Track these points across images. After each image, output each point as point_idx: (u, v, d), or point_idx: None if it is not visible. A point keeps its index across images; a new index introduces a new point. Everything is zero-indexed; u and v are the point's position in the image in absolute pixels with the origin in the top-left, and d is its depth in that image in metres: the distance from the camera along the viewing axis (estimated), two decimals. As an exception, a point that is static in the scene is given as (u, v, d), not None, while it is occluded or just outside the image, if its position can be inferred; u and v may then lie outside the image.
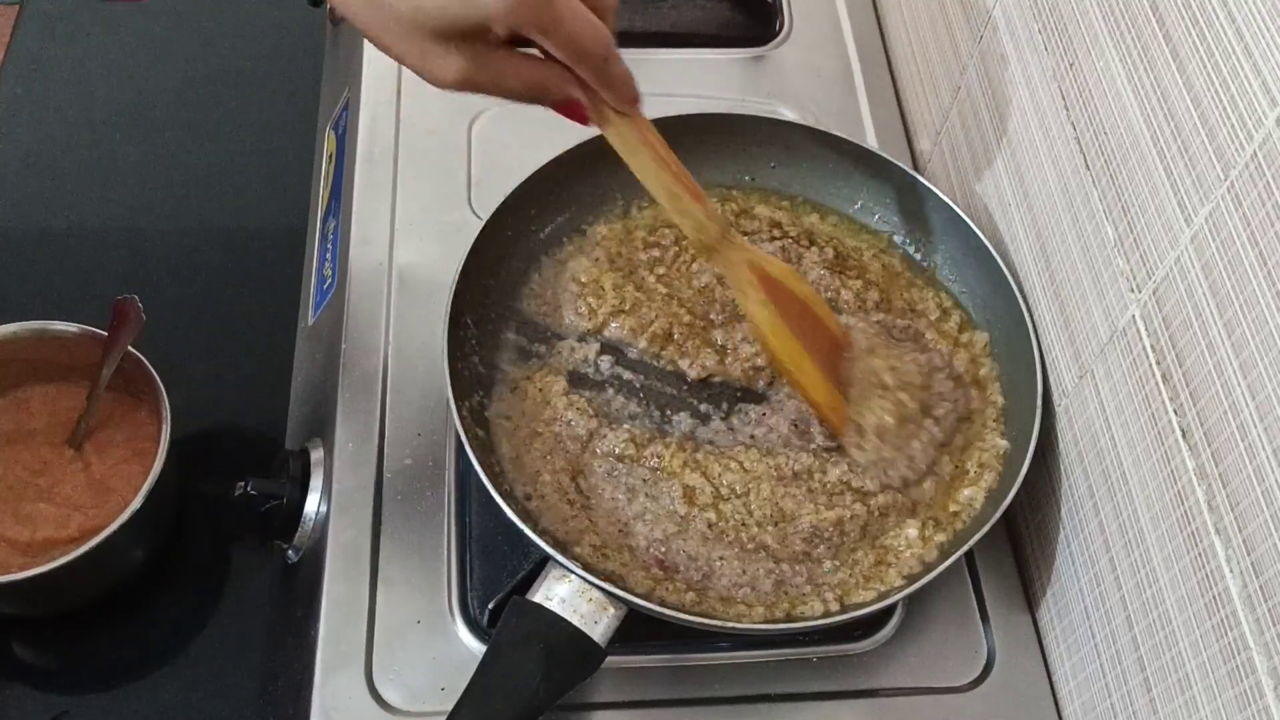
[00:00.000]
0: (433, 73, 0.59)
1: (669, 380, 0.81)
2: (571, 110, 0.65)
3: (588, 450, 0.77)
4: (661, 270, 0.86)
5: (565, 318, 0.84)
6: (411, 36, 0.58)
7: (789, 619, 0.72)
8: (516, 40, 0.59)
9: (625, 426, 0.78)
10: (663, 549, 0.74)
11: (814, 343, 0.77)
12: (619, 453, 0.77)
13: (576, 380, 0.80)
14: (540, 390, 0.79)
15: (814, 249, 0.87)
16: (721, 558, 0.74)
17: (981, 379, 0.82)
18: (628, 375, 0.81)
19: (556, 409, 0.78)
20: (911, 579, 0.73)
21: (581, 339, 0.83)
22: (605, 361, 0.82)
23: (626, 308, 0.83)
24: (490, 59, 0.59)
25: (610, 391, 0.80)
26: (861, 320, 0.83)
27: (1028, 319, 0.79)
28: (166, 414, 0.80)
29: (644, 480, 0.76)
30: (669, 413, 0.80)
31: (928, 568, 0.73)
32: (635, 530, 0.75)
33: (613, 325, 0.83)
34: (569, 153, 0.84)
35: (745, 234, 0.87)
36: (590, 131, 0.84)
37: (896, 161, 0.87)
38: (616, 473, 0.77)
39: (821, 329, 0.79)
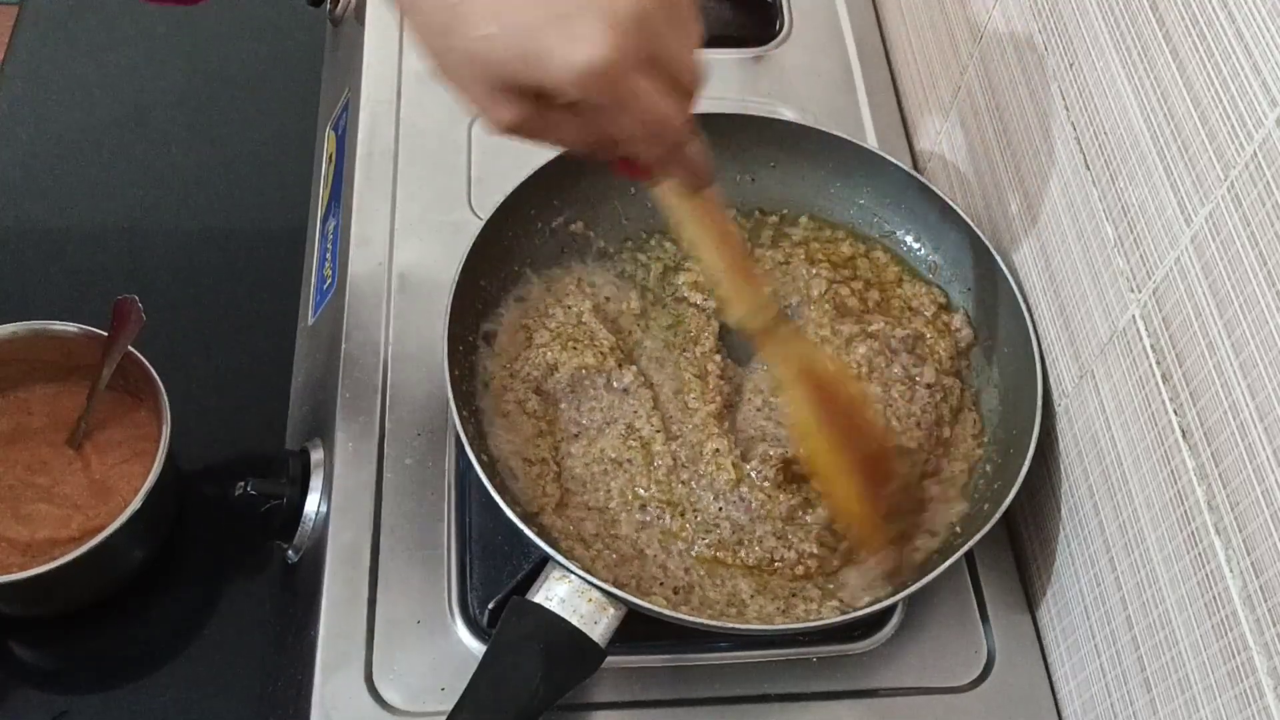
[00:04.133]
0: (490, 116, 0.56)
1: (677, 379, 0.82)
2: (632, 170, 0.61)
3: (587, 447, 0.77)
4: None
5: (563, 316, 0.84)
6: (478, 80, 0.54)
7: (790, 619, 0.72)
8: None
9: (623, 424, 0.78)
10: (665, 552, 0.74)
11: (854, 449, 0.72)
12: (615, 457, 0.77)
13: (576, 378, 0.80)
14: (535, 383, 0.79)
15: (815, 252, 0.88)
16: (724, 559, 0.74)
17: (965, 376, 0.83)
18: (628, 376, 0.81)
19: (556, 407, 0.78)
20: (911, 579, 0.73)
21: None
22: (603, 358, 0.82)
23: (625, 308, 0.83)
24: (551, 115, 0.55)
25: (609, 389, 0.80)
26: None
27: (1028, 319, 0.79)
28: (166, 414, 0.80)
29: (646, 477, 0.77)
30: (671, 412, 0.80)
31: (927, 567, 0.73)
32: (635, 529, 0.75)
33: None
34: (569, 153, 0.84)
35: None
36: (590, 131, 0.85)
37: (896, 161, 0.87)
38: (617, 470, 0.77)
39: (867, 437, 0.74)
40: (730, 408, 0.81)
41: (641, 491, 0.76)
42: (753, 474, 0.76)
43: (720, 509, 0.76)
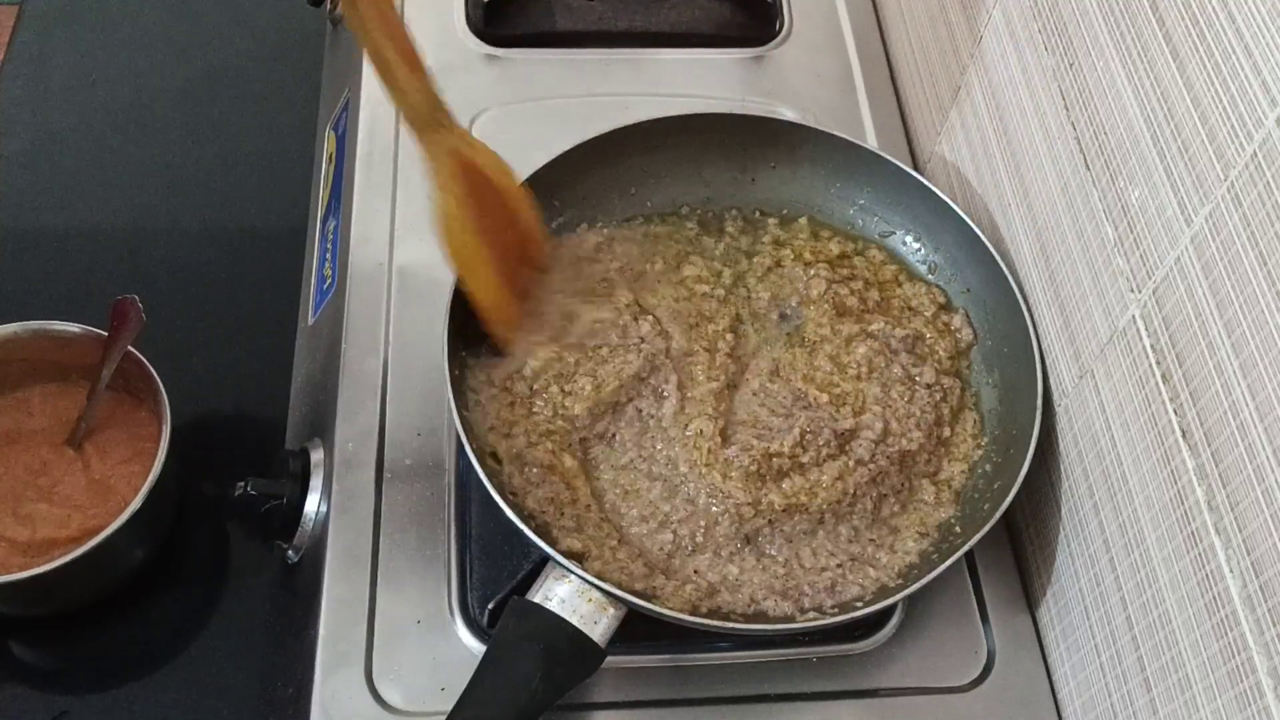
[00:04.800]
0: None
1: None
2: None
3: (586, 445, 0.77)
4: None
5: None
6: None
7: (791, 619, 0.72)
8: None
9: (621, 421, 0.78)
10: (667, 548, 0.74)
11: (499, 245, 0.76)
12: (619, 461, 0.77)
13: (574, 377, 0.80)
14: (528, 386, 0.79)
15: (803, 249, 0.88)
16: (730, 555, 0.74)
17: (964, 376, 0.83)
18: (645, 326, 0.82)
19: (556, 406, 0.78)
20: (910, 579, 0.73)
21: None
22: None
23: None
24: None
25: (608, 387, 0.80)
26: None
27: (1028, 319, 0.79)
28: (166, 414, 0.80)
29: (647, 478, 0.77)
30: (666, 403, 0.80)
31: (927, 567, 0.73)
32: (637, 529, 0.75)
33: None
34: (570, 152, 0.85)
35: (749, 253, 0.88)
36: (590, 132, 0.85)
37: (896, 161, 0.87)
38: (618, 468, 0.77)
39: (513, 233, 0.78)
40: (732, 388, 0.81)
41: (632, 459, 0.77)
42: (730, 458, 0.76)
43: (688, 488, 0.76)
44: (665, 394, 0.79)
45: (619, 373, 0.79)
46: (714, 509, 0.75)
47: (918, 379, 0.81)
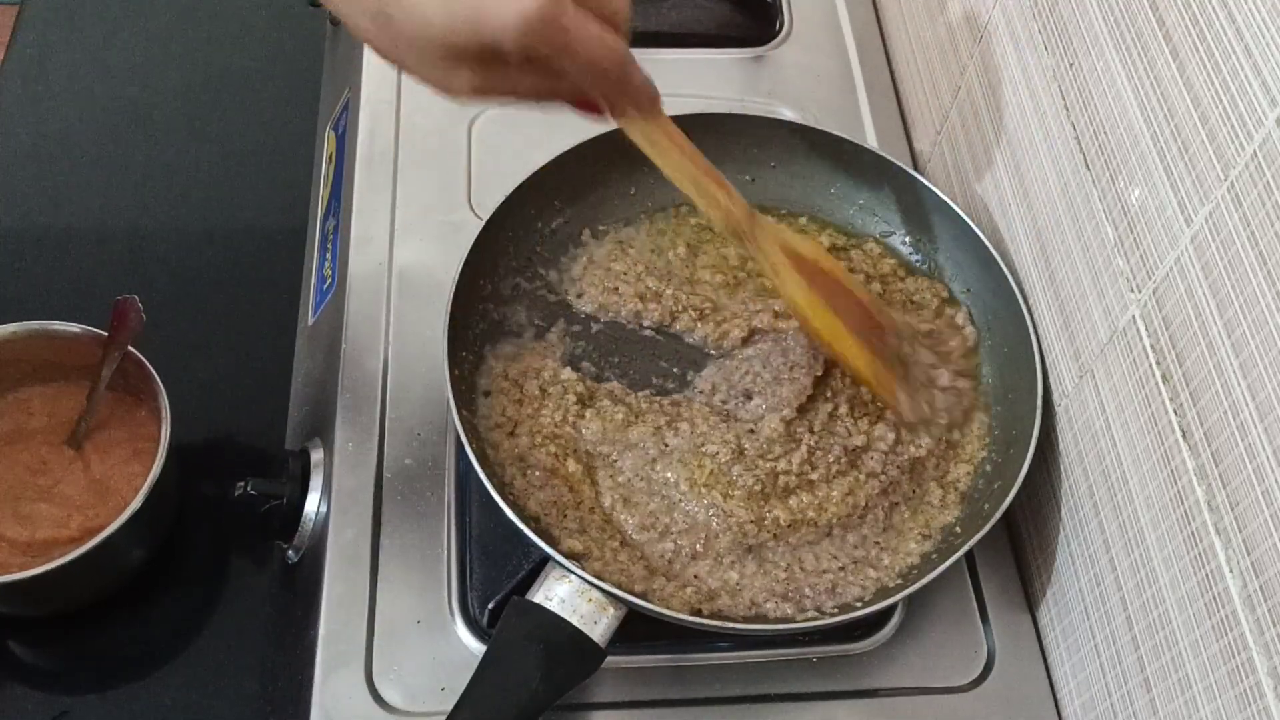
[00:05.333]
0: (445, 88, 0.59)
1: (667, 370, 0.82)
2: (590, 108, 0.64)
3: (585, 444, 0.78)
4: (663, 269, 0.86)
5: (563, 315, 0.84)
6: (425, 56, 0.57)
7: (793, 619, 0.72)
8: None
9: (620, 418, 0.79)
10: (667, 551, 0.74)
11: (852, 320, 0.78)
12: (619, 477, 0.77)
13: (573, 375, 0.80)
14: (539, 387, 0.79)
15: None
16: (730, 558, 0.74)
17: (978, 369, 0.83)
18: (628, 368, 0.81)
19: (554, 405, 0.78)
20: (911, 579, 0.73)
21: (578, 335, 0.83)
22: (600, 356, 0.82)
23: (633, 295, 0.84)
24: (504, 74, 0.58)
25: (607, 386, 0.80)
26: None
27: (1028, 319, 0.79)
28: (166, 414, 0.80)
29: (645, 494, 0.76)
30: (665, 401, 0.80)
31: (927, 568, 0.73)
32: (637, 537, 0.75)
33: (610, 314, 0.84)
34: (570, 152, 0.84)
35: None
36: (591, 132, 0.85)
37: (896, 161, 0.87)
38: (617, 482, 0.77)
39: (859, 307, 0.79)
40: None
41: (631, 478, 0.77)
42: (733, 478, 0.75)
43: (688, 505, 0.75)
44: (680, 426, 0.79)
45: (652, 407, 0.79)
46: (715, 524, 0.75)
47: (936, 382, 0.81)
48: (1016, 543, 0.82)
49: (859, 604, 0.73)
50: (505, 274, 0.84)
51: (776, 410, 0.78)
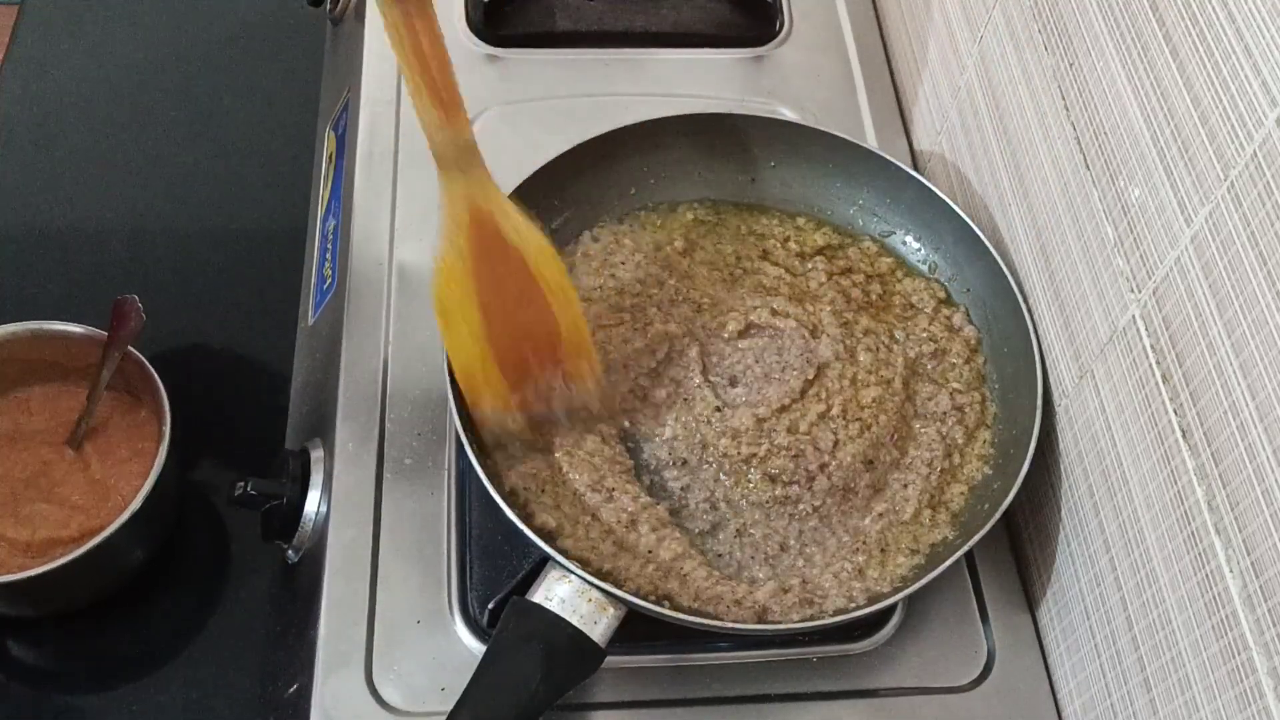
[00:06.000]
0: None
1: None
2: None
3: (583, 445, 0.78)
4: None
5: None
6: None
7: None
8: None
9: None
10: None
11: (505, 319, 0.72)
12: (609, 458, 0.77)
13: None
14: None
15: (817, 254, 0.88)
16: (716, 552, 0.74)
17: (983, 374, 0.83)
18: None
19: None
20: (910, 579, 0.73)
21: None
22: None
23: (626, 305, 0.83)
24: None
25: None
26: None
27: (1028, 319, 0.79)
28: (166, 414, 0.80)
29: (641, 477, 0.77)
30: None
31: (926, 568, 0.73)
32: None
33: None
34: (570, 152, 0.84)
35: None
36: (590, 131, 0.85)
37: (896, 161, 0.87)
38: (608, 466, 0.77)
39: (535, 319, 0.73)
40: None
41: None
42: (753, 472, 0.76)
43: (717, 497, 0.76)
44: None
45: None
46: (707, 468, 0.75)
47: (933, 408, 0.81)
48: (1016, 543, 0.82)
49: (858, 604, 0.73)
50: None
51: (753, 407, 0.78)
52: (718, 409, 0.78)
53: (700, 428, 0.77)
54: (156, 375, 0.81)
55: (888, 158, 0.88)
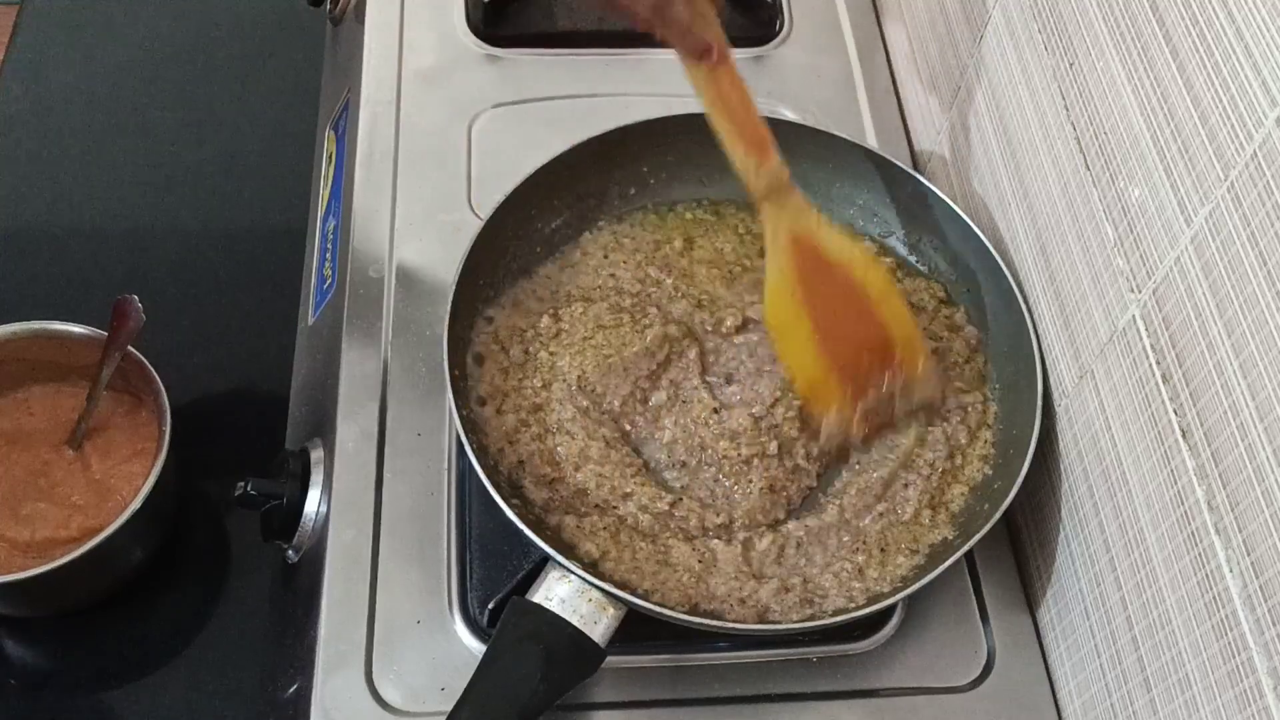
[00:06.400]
0: None
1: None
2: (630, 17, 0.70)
3: (584, 444, 0.78)
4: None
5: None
6: None
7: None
8: None
9: (617, 419, 0.79)
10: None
11: (834, 328, 0.76)
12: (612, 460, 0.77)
13: (571, 371, 0.80)
14: (537, 383, 0.79)
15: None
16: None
17: (983, 374, 0.83)
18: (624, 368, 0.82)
19: (553, 404, 0.78)
20: (910, 580, 0.73)
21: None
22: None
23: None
24: None
25: (604, 380, 0.81)
26: None
27: (1028, 319, 0.79)
28: (166, 414, 0.80)
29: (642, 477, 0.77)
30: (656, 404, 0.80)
31: (926, 568, 0.73)
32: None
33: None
34: (569, 152, 0.85)
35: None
36: (589, 131, 0.85)
37: (896, 161, 0.87)
38: (611, 467, 0.77)
39: (863, 326, 0.77)
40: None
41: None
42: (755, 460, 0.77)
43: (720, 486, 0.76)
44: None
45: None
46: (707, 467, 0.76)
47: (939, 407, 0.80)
48: (1016, 543, 0.82)
49: (858, 604, 0.73)
50: (505, 274, 0.84)
51: (748, 406, 0.78)
52: (715, 410, 0.78)
53: (699, 430, 0.78)
54: (156, 375, 0.81)
55: (888, 158, 0.88)
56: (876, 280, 0.78)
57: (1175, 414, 0.63)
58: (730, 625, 0.71)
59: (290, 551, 0.80)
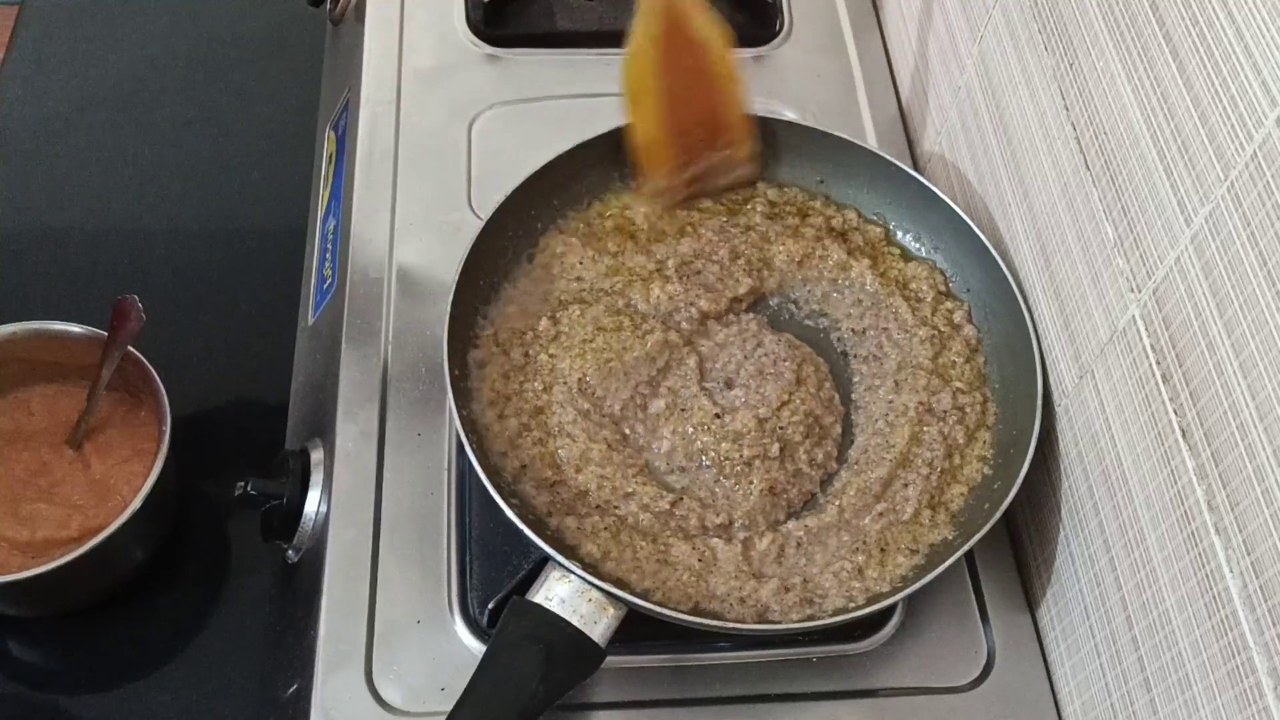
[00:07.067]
0: None
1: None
2: None
3: (585, 446, 0.78)
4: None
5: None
6: None
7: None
8: None
9: (616, 420, 0.79)
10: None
11: (681, 102, 0.82)
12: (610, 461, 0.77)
13: (571, 374, 0.80)
14: (538, 385, 0.79)
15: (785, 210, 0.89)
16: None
17: (983, 374, 0.83)
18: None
19: (554, 407, 0.78)
20: (910, 580, 0.73)
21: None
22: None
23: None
24: None
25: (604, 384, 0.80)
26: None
27: (1028, 319, 0.79)
28: (166, 414, 0.80)
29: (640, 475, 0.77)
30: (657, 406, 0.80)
31: (926, 568, 0.73)
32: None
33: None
34: (569, 152, 0.85)
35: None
36: (589, 131, 0.85)
37: (896, 161, 0.87)
38: (611, 468, 0.77)
39: (704, 105, 0.83)
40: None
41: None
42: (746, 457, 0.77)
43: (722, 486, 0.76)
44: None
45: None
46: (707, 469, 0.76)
47: (934, 406, 0.80)
48: (1016, 543, 0.82)
49: (858, 604, 0.73)
50: (505, 274, 0.84)
51: (753, 408, 0.78)
52: (717, 415, 0.78)
53: (700, 435, 0.77)
54: (156, 375, 0.81)
55: (888, 158, 0.88)
56: (725, 67, 0.83)
57: (1175, 414, 0.63)
58: (730, 625, 0.71)
59: (290, 551, 0.80)
